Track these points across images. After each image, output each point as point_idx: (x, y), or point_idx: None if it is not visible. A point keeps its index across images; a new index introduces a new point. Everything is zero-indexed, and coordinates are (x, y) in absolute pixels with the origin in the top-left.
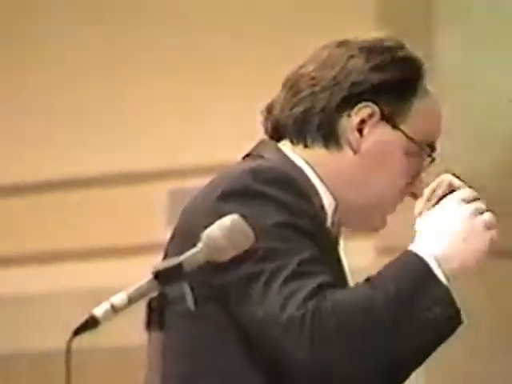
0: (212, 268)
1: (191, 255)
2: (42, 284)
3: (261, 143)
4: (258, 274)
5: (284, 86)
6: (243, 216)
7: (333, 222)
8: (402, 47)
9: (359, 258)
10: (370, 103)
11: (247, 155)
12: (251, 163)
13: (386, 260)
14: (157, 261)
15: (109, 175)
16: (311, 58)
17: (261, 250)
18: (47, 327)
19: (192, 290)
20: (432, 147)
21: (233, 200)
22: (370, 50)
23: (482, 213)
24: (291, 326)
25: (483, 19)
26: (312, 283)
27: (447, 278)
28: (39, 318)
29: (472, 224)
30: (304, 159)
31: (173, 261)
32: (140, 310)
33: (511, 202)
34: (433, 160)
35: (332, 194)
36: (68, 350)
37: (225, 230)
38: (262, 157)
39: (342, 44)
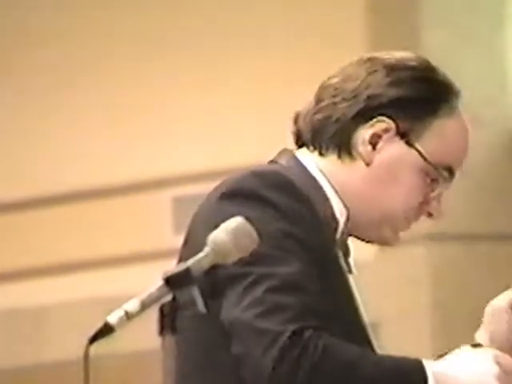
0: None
1: (198, 259)
2: (57, 295)
3: (281, 151)
4: (243, 276)
5: (313, 97)
6: (244, 217)
7: (343, 232)
8: (430, 69)
9: (361, 251)
10: (386, 118)
11: (270, 162)
12: (257, 168)
13: (389, 254)
14: (166, 267)
15: (115, 185)
16: (340, 71)
17: (251, 253)
18: (64, 337)
19: (202, 293)
20: (450, 171)
21: (234, 200)
22: (393, 66)
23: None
24: (263, 336)
25: (468, 17)
26: (295, 304)
27: None
28: (56, 328)
29: (489, 381)
30: (318, 167)
31: (181, 266)
32: (155, 315)
33: (501, 185)
34: (449, 183)
35: (343, 203)
36: (85, 358)
37: (230, 234)
38: (276, 163)
39: (369, 60)
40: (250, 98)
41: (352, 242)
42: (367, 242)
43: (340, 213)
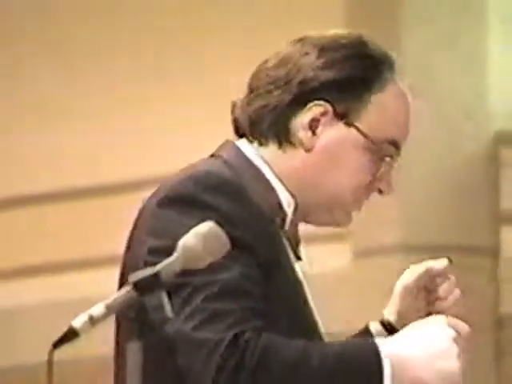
0: None
1: (168, 264)
2: (25, 297)
3: (223, 143)
4: (182, 287)
5: (248, 82)
6: (181, 223)
7: (291, 221)
8: (361, 44)
9: (336, 260)
10: (321, 101)
11: (211, 156)
12: (196, 168)
13: (363, 262)
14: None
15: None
16: (273, 55)
17: None
18: (32, 340)
19: (170, 298)
20: (395, 144)
21: (172, 207)
22: (324, 47)
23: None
24: (202, 347)
25: (449, 22)
26: (237, 309)
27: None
28: (24, 332)
29: (449, 346)
30: (261, 157)
31: (150, 270)
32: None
33: (476, 197)
34: (394, 158)
35: (290, 192)
36: (49, 363)
37: (200, 238)
38: (220, 157)
39: (300, 41)
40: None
41: (325, 252)
42: (320, 225)
43: (287, 203)
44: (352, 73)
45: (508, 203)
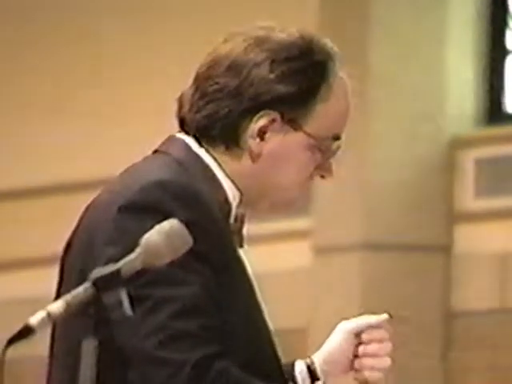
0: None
1: (129, 261)
2: None
3: (169, 139)
4: (141, 300)
5: (193, 82)
6: (143, 232)
7: (236, 216)
8: (309, 51)
9: (296, 258)
10: (270, 111)
11: (155, 151)
12: (154, 173)
13: (323, 260)
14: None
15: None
16: (222, 56)
17: (152, 273)
18: None
19: (129, 296)
20: (336, 137)
21: (134, 214)
22: (275, 59)
23: None
24: (165, 367)
25: (412, 34)
26: (198, 330)
27: None
28: None
29: None
30: (211, 155)
31: (110, 267)
32: None
33: (432, 198)
34: (337, 149)
35: (237, 186)
36: (1, 361)
37: (163, 235)
38: (168, 154)
39: (250, 47)
40: None
41: (285, 251)
42: (264, 213)
43: (233, 196)
44: (301, 85)
45: (461, 203)
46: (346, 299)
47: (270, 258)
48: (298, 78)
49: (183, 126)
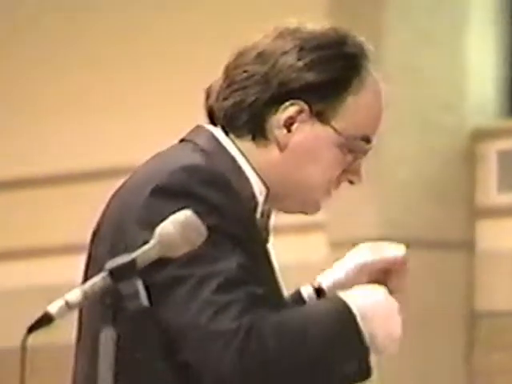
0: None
1: (144, 251)
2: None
3: (196, 128)
4: (184, 279)
5: (223, 73)
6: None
7: (263, 212)
8: (340, 43)
9: (312, 252)
10: (298, 101)
11: (181, 140)
12: (183, 159)
13: (339, 254)
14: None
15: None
16: (251, 47)
17: (188, 254)
18: (4, 325)
19: (146, 286)
20: (367, 139)
21: (166, 197)
22: (304, 46)
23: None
24: (220, 338)
25: (430, 20)
26: (244, 297)
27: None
28: None
29: (396, 311)
30: (237, 147)
31: (126, 257)
32: None
33: (453, 192)
34: (367, 152)
35: (263, 181)
36: (23, 348)
37: (178, 226)
38: (195, 143)
39: (280, 36)
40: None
41: (301, 244)
42: (289, 212)
43: (259, 191)
44: (331, 75)
45: (483, 198)
46: None
47: (284, 252)
48: (328, 67)
49: (211, 117)
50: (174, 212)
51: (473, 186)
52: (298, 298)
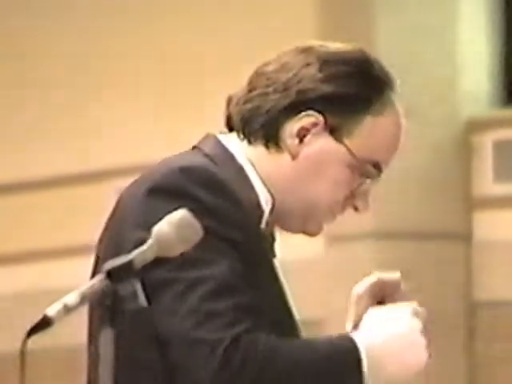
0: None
1: (141, 252)
2: None
3: (205, 137)
4: (174, 282)
5: (247, 80)
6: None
7: (267, 222)
8: (366, 62)
9: (309, 247)
10: (315, 112)
11: (192, 148)
12: (183, 161)
13: (336, 248)
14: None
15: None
16: (276, 58)
17: (179, 256)
18: (2, 329)
19: (144, 287)
20: (377, 167)
21: (161, 196)
22: (327, 60)
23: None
24: (203, 346)
25: (421, 12)
26: (231, 308)
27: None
28: None
29: (418, 339)
30: (246, 155)
31: (123, 258)
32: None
33: (449, 183)
34: (375, 178)
35: (270, 192)
36: (22, 351)
37: (173, 226)
38: (201, 149)
39: (305, 50)
40: (208, 93)
41: (298, 240)
42: (290, 232)
43: (265, 201)
44: (352, 90)
45: (479, 188)
46: None
47: (282, 247)
48: (349, 82)
49: (229, 123)
50: (168, 212)
51: (469, 176)
52: None
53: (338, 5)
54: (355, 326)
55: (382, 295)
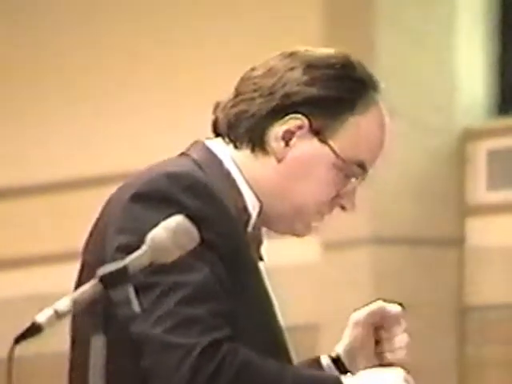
0: None
1: (136, 258)
2: None
3: (193, 143)
4: (153, 286)
5: (235, 86)
6: (152, 220)
7: (255, 225)
8: (348, 65)
9: (305, 253)
10: (299, 115)
11: (180, 155)
12: (170, 166)
13: (332, 254)
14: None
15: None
16: (262, 64)
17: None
18: None
19: (137, 292)
20: (362, 166)
21: (145, 202)
22: (311, 63)
23: None
24: (175, 351)
25: (420, 23)
26: (207, 315)
27: None
28: None
29: None
30: (232, 160)
31: (117, 264)
32: None
33: (444, 191)
34: (360, 178)
35: (256, 196)
36: (10, 358)
37: (169, 232)
38: (189, 156)
39: (290, 55)
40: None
41: (294, 245)
42: (279, 233)
43: (252, 206)
44: (335, 92)
45: (473, 196)
46: (356, 295)
47: (278, 253)
48: (333, 85)
49: (216, 129)
50: (152, 218)
51: (462, 184)
52: (316, 365)
53: (339, 19)
54: (347, 353)
55: (381, 324)
